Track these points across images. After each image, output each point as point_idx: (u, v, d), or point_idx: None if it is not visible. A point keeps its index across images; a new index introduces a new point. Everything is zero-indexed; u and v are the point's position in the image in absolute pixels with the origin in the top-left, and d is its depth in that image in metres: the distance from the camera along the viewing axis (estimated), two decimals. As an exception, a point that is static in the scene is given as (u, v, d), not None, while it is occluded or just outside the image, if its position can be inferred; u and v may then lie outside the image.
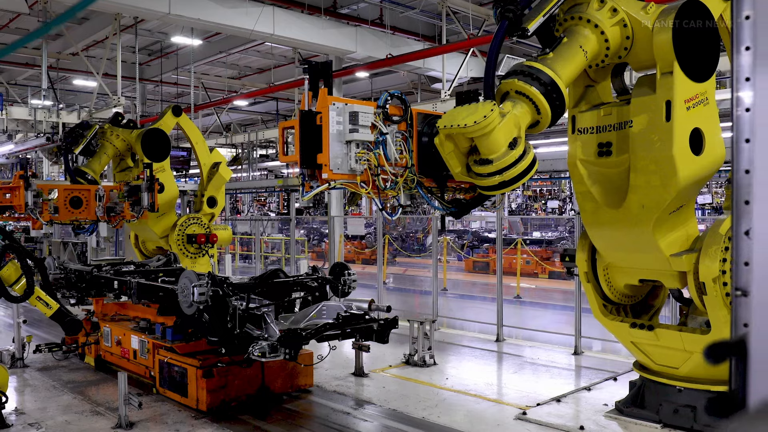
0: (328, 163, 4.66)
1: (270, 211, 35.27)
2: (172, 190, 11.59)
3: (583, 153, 6.11)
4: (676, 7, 5.24)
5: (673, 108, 5.39)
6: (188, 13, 13.43)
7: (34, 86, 20.19)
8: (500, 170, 4.83)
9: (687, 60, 5.34)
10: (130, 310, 9.15)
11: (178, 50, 21.67)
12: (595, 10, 5.40)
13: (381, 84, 24.56)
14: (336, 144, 4.70)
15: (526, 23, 5.08)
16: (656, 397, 6.32)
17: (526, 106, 4.96)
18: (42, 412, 7.20)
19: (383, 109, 4.98)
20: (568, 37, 5.39)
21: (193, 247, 11.61)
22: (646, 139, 5.59)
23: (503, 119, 4.75)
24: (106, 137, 11.38)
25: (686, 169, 5.52)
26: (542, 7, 5.22)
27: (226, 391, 7.14)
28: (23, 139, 20.28)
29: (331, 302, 7.22)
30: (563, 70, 5.18)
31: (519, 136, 4.87)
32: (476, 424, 6.76)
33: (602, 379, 8.19)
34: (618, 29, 5.45)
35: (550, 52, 5.25)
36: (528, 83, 4.94)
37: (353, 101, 5.13)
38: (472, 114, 4.65)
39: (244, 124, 33.29)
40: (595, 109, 6.07)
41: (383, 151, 4.91)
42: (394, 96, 5.11)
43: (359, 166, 4.77)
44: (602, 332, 8.03)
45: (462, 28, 15.64)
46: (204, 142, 12.44)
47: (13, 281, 6.81)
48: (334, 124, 4.69)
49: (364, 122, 4.78)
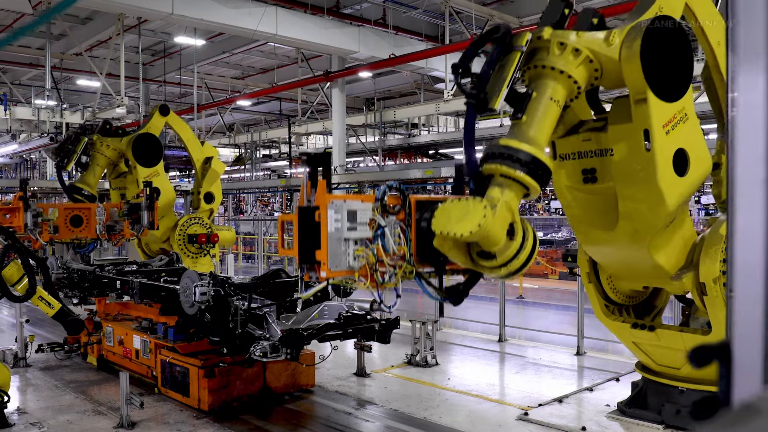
0: (327, 261, 4.67)
1: (273, 211, 35.29)
2: (169, 193, 11.60)
3: (567, 180, 5.97)
4: (640, 31, 4.95)
5: (652, 137, 5.20)
6: (191, 13, 13.43)
7: (37, 86, 20.20)
8: (505, 263, 4.81)
9: (659, 81, 5.11)
10: (133, 310, 9.16)
11: (181, 50, 21.69)
12: (557, 56, 5.09)
13: (384, 84, 24.55)
14: (334, 242, 4.72)
15: (492, 102, 4.93)
16: (658, 397, 6.30)
17: (514, 187, 4.83)
18: (44, 411, 7.22)
19: (381, 202, 4.98)
20: (537, 91, 5.11)
21: (194, 246, 11.62)
22: (629, 168, 5.42)
23: (495, 211, 4.64)
24: (96, 148, 11.33)
25: (674, 194, 5.41)
26: (502, 77, 5.01)
27: (227, 391, 7.14)
28: (27, 139, 20.33)
29: (332, 302, 7.21)
30: (540, 133, 4.98)
31: (514, 220, 4.81)
32: (478, 424, 6.75)
33: (604, 379, 8.17)
34: (584, 67, 5.16)
35: (522, 116, 5.03)
36: (511, 167, 4.75)
37: (352, 197, 5.17)
38: (465, 218, 4.57)
39: (247, 124, 33.30)
40: (573, 134, 5.84)
41: (381, 243, 4.91)
42: (392, 187, 5.09)
43: (357, 263, 4.78)
44: (605, 333, 8.01)
45: (465, 27, 15.62)
46: (195, 139, 12.40)
47: (16, 281, 6.81)
48: (332, 222, 4.71)
49: (362, 219, 4.82)
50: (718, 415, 0.82)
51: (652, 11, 5.34)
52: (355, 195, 5.11)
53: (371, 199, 5.02)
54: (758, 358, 0.86)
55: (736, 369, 0.86)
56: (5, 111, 17.11)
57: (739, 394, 0.86)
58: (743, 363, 0.86)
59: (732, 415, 0.76)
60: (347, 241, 4.76)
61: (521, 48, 5.03)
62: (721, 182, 6.26)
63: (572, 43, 5.06)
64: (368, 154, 22.99)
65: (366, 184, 17.36)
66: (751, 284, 0.86)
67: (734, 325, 0.86)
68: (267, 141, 26.31)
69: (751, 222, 0.86)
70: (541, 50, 5.17)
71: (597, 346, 10.01)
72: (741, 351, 0.86)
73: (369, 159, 24.90)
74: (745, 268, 0.87)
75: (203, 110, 23.70)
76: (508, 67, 5.00)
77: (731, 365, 0.86)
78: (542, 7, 15.38)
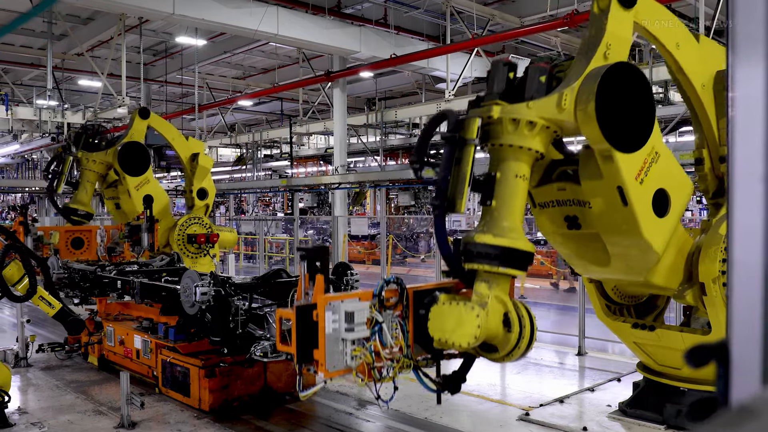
0: (324, 362, 4.73)
1: (275, 211, 35.30)
2: (162, 198, 11.57)
3: (551, 225, 5.91)
4: (592, 93, 4.71)
5: (627, 193, 5.07)
6: (192, 13, 13.44)
7: (39, 86, 20.22)
8: (506, 354, 4.94)
9: (622, 135, 4.88)
10: (133, 310, 9.15)
11: (182, 50, 21.71)
12: (512, 134, 4.93)
13: (385, 84, 24.55)
14: (332, 342, 4.78)
15: (457, 206, 4.95)
16: (660, 398, 6.29)
17: (500, 280, 4.90)
18: (45, 411, 7.21)
19: (379, 297, 5.01)
20: (500, 171, 5.01)
21: (193, 246, 11.61)
22: (610, 221, 5.35)
23: (487, 309, 4.76)
24: (83, 165, 11.27)
25: (660, 237, 5.38)
26: (461, 176, 4.96)
27: (228, 391, 7.13)
28: (28, 139, 20.36)
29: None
30: (513, 217, 4.95)
31: (507, 309, 4.90)
32: (479, 424, 6.74)
33: (606, 379, 8.15)
34: (543, 135, 5.00)
35: (491, 203, 4.99)
36: (492, 265, 4.81)
37: (350, 295, 5.14)
38: (460, 327, 4.71)
39: (248, 124, 33.33)
40: (548, 183, 5.72)
41: (379, 338, 4.94)
42: (390, 282, 5.13)
43: (354, 362, 4.83)
44: (606, 333, 8.00)
45: (466, 27, 15.61)
46: (180, 137, 12.30)
47: (16, 281, 6.81)
48: (329, 323, 4.75)
49: (360, 320, 4.82)
50: (715, 416, 0.81)
51: (600, 53, 5.10)
52: (352, 293, 5.13)
53: (369, 296, 5.05)
54: (757, 357, 0.84)
55: (734, 369, 0.85)
56: (7, 111, 17.13)
57: (738, 395, 0.84)
58: (741, 363, 0.84)
59: (729, 417, 0.75)
60: (344, 341, 4.80)
61: (473, 141, 4.95)
62: (707, 177, 6.24)
63: (525, 117, 4.89)
64: (369, 154, 22.99)
65: (367, 184, 17.36)
66: (750, 282, 0.85)
67: (732, 323, 0.85)
68: (268, 141, 26.33)
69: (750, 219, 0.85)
70: (495, 126, 5.01)
71: (598, 346, 9.99)
72: (739, 351, 0.84)
73: (370, 159, 24.89)
74: (743, 266, 0.85)
75: (204, 110, 23.72)
76: (465, 164, 4.95)
77: (729, 365, 0.85)
78: (544, 7, 15.31)
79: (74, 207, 11.11)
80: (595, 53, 5.08)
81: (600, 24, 5.20)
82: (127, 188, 11.10)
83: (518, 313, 4.91)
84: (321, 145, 27.45)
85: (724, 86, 5.92)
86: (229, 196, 22.74)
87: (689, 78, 5.92)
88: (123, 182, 11.11)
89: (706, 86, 5.99)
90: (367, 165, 26.49)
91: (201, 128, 26.34)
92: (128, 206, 11.42)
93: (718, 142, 6.07)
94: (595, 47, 5.12)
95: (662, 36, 5.72)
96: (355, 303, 4.89)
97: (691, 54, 5.90)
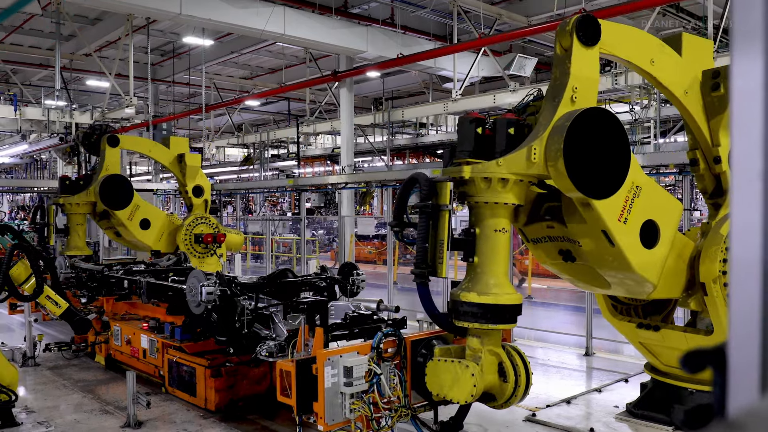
0: (324, 415, 4.93)
1: (282, 211, 35.34)
2: (158, 217, 11.47)
3: (548, 258, 5.96)
4: (559, 150, 4.70)
5: (612, 235, 5.05)
6: (199, 14, 13.45)
7: (47, 87, 20.30)
8: (504, 402, 5.17)
9: (597, 182, 4.83)
10: (140, 310, 9.17)
11: (190, 51, 21.76)
12: (485, 191, 4.97)
13: (392, 84, 24.52)
14: (331, 396, 4.99)
15: (438, 271, 5.17)
16: (667, 399, 6.24)
17: (491, 333, 5.07)
18: (52, 410, 7.23)
19: (377, 350, 5.23)
20: (479, 227, 5.10)
21: (200, 246, 11.60)
22: (601, 258, 5.38)
23: (480, 364, 4.97)
24: (67, 210, 11.19)
25: (654, 266, 5.40)
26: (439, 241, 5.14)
27: (234, 390, 7.13)
28: (37, 139, 20.44)
29: (339, 302, 7.19)
30: (497, 272, 5.07)
31: (502, 359, 5.09)
32: (485, 425, 6.71)
33: (613, 380, 8.11)
34: (517, 188, 5.04)
35: (473, 259, 5.10)
36: (480, 323, 4.97)
37: (348, 349, 5.27)
38: (456, 385, 4.94)
39: (255, 124, 33.37)
40: (536, 221, 5.75)
41: (377, 389, 5.15)
42: (388, 334, 5.36)
43: (353, 414, 5.03)
44: (613, 333, 7.95)
45: (473, 27, 15.57)
46: (157, 145, 12.10)
47: (23, 280, 6.83)
48: (329, 378, 4.97)
49: (358, 374, 5.04)
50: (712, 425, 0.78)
51: (567, 97, 5.06)
52: (351, 347, 5.33)
53: (367, 348, 5.25)
54: (755, 364, 0.82)
55: (732, 376, 0.82)
56: (15, 111, 17.19)
57: (735, 403, 0.82)
58: (739, 369, 0.81)
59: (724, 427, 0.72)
60: (343, 395, 4.99)
61: (447, 207, 5.12)
62: (704, 177, 6.19)
63: (496, 175, 4.92)
64: (376, 153, 22.97)
65: (374, 184, 17.34)
66: (749, 282, 0.82)
67: (731, 325, 0.82)
68: (275, 141, 26.35)
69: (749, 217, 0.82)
70: (468, 186, 5.06)
71: (606, 347, 9.94)
72: (737, 356, 0.82)
73: (377, 159, 24.87)
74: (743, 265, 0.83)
75: (212, 110, 23.75)
76: (442, 230, 5.13)
77: (726, 372, 0.82)
78: (551, 6, 15.21)
79: (72, 254, 11.02)
80: (562, 98, 5.05)
81: (564, 67, 5.14)
82: (121, 222, 10.96)
83: (512, 362, 5.09)
84: (328, 144, 27.45)
85: (711, 85, 5.87)
86: (236, 196, 22.75)
87: (669, 89, 5.87)
88: (114, 217, 10.98)
89: (690, 91, 5.91)
90: (374, 165, 26.47)
91: (208, 128, 26.39)
92: (129, 236, 11.34)
93: (710, 143, 6.01)
94: (562, 92, 5.08)
95: (634, 58, 5.66)
96: (353, 357, 5.10)
97: (667, 65, 5.80)
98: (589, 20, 5.13)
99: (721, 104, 5.82)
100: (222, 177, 32.76)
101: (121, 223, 10.98)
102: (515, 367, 5.07)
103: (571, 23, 5.09)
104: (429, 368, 5.13)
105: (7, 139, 22.25)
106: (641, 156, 10.49)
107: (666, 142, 15.14)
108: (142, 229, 11.09)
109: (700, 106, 5.94)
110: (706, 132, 5.99)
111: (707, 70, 5.94)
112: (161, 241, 11.36)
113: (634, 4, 11.02)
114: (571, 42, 5.08)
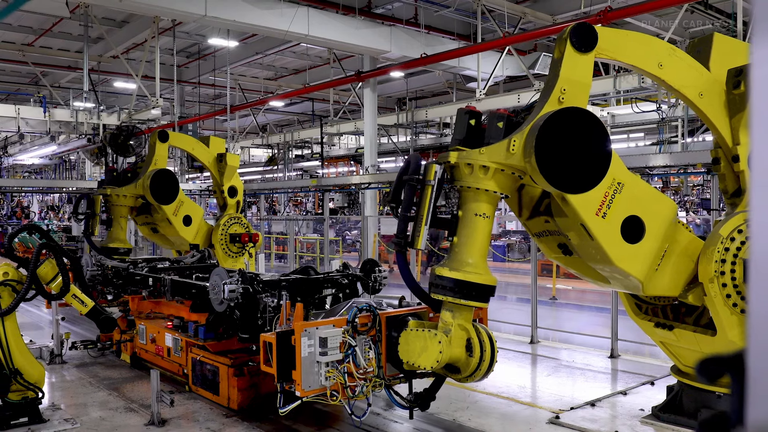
0: (301, 382, 5.36)
1: (306, 211, 35.45)
2: (198, 213, 11.59)
3: (551, 252, 6.24)
4: (532, 145, 4.95)
5: (589, 229, 5.25)
6: (224, 15, 13.54)
7: (76, 89, 20.59)
8: (468, 376, 5.45)
9: (573, 177, 5.04)
10: (165, 308, 9.25)
11: (215, 52, 21.93)
12: (468, 176, 5.30)
13: (416, 84, 24.47)
14: (307, 365, 5.41)
15: (416, 243, 5.42)
16: (694, 402, 6.13)
17: (462, 309, 5.35)
18: (77, 407, 7.33)
19: (353, 324, 5.61)
20: (462, 210, 5.41)
21: (235, 246, 11.71)
22: (587, 251, 5.57)
23: (450, 336, 5.25)
24: (113, 202, 11.27)
25: (639, 261, 5.45)
26: (420, 216, 5.40)
27: (257, 389, 7.15)
28: (66, 140, 20.74)
29: (361, 299, 7.17)
30: (474, 252, 5.32)
31: (470, 335, 5.36)
32: (508, 427, 6.65)
33: (639, 383, 7.99)
34: (499, 177, 5.30)
35: (454, 237, 5.39)
36: (454, 297, 5.25)
37: (325, 322, 5.69)
38: (425, 352, 5.24)
39: (280, 124, 33.53)
40: (536, 216, 6.05)
41: (353, 360, 5.55)
42: (363, 309, 5.74)
43: (329, 382, 5.42)
44: (639, 335, 7.83)
45: (497, 26, 15.46)
46: (200, 144, 12.24)
47: (50, 279, 6.92)
48: (305, 348, 5.39)
49: (333, 344, 5.45)
50: None
51: (554, 98, 5.32)
52: (327, 320, 5.74)
53: (344, 322, 5.64)
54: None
55: (751, 383, 0.77)
56: (45, 113, 17.47)
57: (755, 413, 0.76)
58: (759, 376, 0.76)
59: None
60: (319, 364, 5.42)
61: (430, 183, 5.39)
62: (725, 176, 6.08)
63: (477, 162, 5.24)
64: (400, 154, 22.93)
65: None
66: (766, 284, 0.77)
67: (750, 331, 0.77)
68: (299, 141, 26.42)
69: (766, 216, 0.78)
70: (455, 170, 5.40)
71: (631, 349, 9.80)
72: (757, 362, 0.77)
73: (401, 159, 24.83)
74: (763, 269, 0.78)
75: (237, 111, 23.91)
76: (423, 206, 5.41)
77: (744, 379, 0.77)
78: (576, 4, 15.11)
79: (114, 246, 11.15)
80: (549, 98, 5.34)
81: (555, 69, 5.44)
82: (167, 217, 11.07)
83: (480, 339, 5.37)
84: (351, 145, 27.46)
85: (734, 84, 5.75)
86: (260, 196, 22.85)
87: (681, 92, 5.83)
88: (160, 211, 11.09)
89: (705, 94, 5.81)
90: (397, 165, 26.43)
91: (233, 129, 26.57)
92: (170, 231, 11.43)
93: (730, 143, 5.90)
94: (550, 92, 5.38)
95: (639, 62, 5.74)
96: (329, 329, 5.50)
97: (678, 68, 5.76)
98: (584, 28, 5.39)
99: (742, 102, 5.72)
100: (247, 177, 32.96)
101: (165, 218, 11.13)
102: (482, 344, 5.34)
103: (566, 31, 5.39)
104: (402, 338, 5.44)
105: (37, 141, 22.58)
106: (668, 155, 10.32)
107: (694, 141, 14.88)
108: (185, 225, 11.24)
109: (717, 108, 5.85)
110: (726, 131, 5.89)
111: (732, 69, 5.83)
112: (197, 238, 11.50)
113: (660, 1, 10.83)
114: (564, 47, 5.36)
